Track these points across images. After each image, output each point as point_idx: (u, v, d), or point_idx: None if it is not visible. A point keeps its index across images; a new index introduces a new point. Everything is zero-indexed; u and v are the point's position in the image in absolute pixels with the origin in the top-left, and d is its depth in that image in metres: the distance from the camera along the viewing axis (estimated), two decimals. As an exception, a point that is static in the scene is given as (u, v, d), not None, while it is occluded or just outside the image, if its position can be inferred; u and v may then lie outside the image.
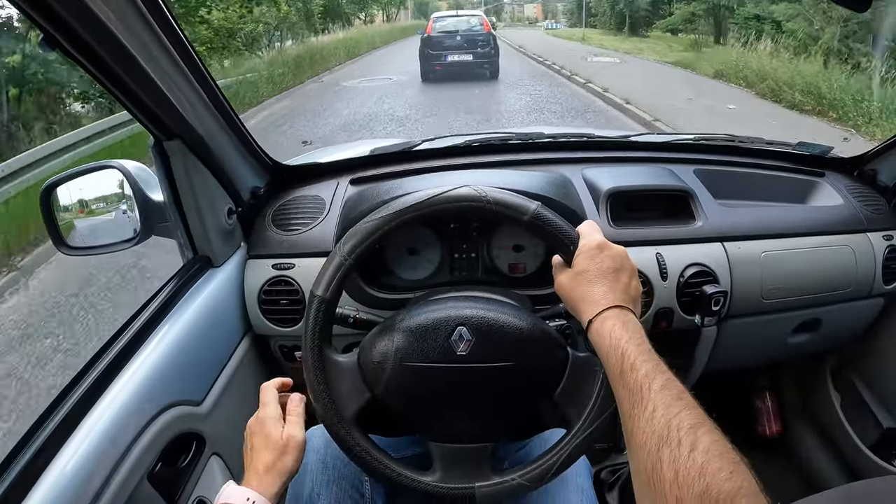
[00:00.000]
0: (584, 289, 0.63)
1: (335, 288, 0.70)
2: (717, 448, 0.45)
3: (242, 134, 0.98)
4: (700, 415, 0.48)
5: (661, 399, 0.50)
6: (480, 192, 0.67)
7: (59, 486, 0.60)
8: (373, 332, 0.74)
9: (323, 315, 0.70)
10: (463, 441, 0.73)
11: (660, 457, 0.46)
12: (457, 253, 1.02)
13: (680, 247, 1.05)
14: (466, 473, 0.72)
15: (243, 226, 1.05)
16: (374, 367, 0.71)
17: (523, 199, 0.68)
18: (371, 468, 0.72)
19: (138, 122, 0.83)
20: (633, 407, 0.51)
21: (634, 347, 0.55)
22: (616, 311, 0.60)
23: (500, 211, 0.67)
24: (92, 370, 0.73)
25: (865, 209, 1.20)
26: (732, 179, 1.21)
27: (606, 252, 0.64)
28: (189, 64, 0.79)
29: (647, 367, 0.53)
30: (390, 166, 1.15)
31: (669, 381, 0.52)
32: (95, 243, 1.00)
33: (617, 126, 6.78)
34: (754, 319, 1.12)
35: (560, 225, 0.67)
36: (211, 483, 0.86)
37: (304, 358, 0.71)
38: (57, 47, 0.65)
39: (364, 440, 0.72)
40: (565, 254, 0.67)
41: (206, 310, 0.92)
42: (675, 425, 0.47)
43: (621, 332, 0.58)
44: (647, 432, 0.48)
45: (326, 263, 0.70)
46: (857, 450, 1.31)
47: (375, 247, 0.71)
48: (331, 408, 0.71)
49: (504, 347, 0.69)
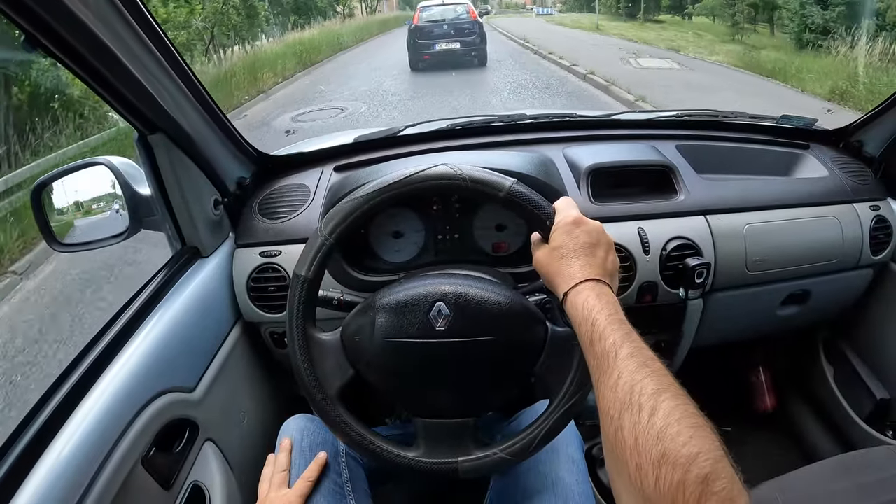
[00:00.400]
0: (561, 263, 0.63)
1: (317, 267, 0.71)
2: (677, 413, 0.44)
3: (225, 126, 0.99)
4: (666, 381, 0.48)
5: (627, 366, 0.50)
6: (457, 170, 0.68)
7: (54, 472, 0.62)
8: (355, 309, 0.75)
9: (305, 294, 0.71)
10: (445, 416, 0.74)
11: (621, 423, 0.46)
12: (440, 234, 1.03)
13: (662, 221, 1.06)
14: (449, 448, 0.73)
15: (230, 216, 1.06)
16: (356, 344, 0.72)
17: (499, 175, 0.68)
18: (356, 443, 0.74)
19: (121, 117, 0.85)
20: (601, 375, 0.51)
21: (605, 317, 0.55)
22: (591, 283, 0.60)
23: (477, 188, 0.68)
24: (84, 359, 0.75)
25: (851, 180, 1.20)
26: (715, 154, 1.22)
27: (582, 227, 0.65)
28: (168, 58, 0.81)
29: (615, 336, 0.53)
30: (374, 152, 1.16)
31: (638, 350, 0.52)
32: (87, 239, 1.01)
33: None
34: (740, 292, 1.13)
35: (536, 201, 0.68)
36: (205, 468, 0.88)
37: (289, 337, 0.72)
38: (38, 47, 0.67)
39: (348, 416, 0.73)
40: (542, 229, 0.68)
41: (197, 299, 0.93)
42: (637, 391, 0.47)
43: (594, 302, 0.58)
44: (611, 399, 0.48)
45: (308, 244, 0.72)
46: (851, 421, 1.31)
47: (360, 230, 0.73)
48: (315, 385, 0.72)
49: (482, 322, 0.70)
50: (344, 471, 0.85)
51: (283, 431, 0.89)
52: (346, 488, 0.83)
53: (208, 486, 0.87)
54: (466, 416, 0.74)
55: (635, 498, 0.44)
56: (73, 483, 0.63)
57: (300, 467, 0.82)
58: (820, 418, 1.42)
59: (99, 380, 0.73)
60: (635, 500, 0.44)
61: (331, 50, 13.67)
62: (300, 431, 0.87)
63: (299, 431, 0.87)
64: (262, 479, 0.83)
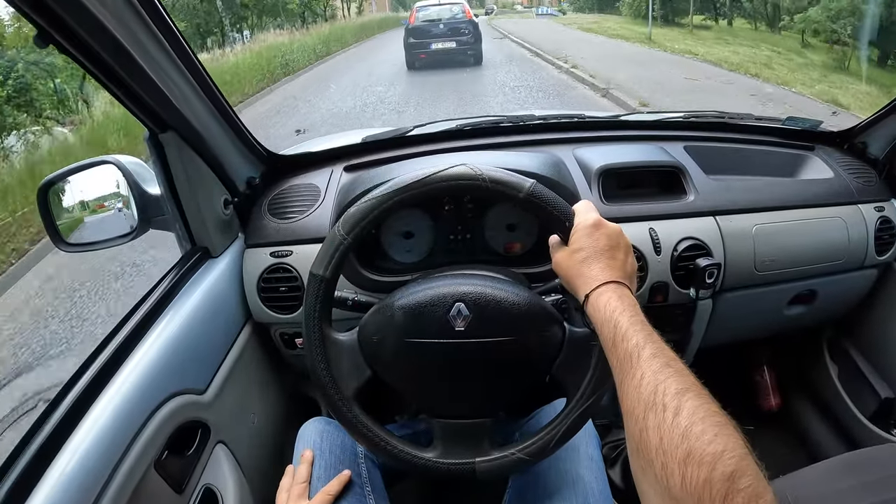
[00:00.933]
0: (581, 266, 0.64)
1: (334, 267, 0.70)
2: (701, 412, 0.45)
3: (237, 125, 0.98)
4: (689, 381, 0.48)
5: (650, 366, 0.50)
6: (477, 171, 0.68)
7: (66, 477, 0.61)
8: (372, 309, 0.75)
9: (323, 294, 0.71)
10: (463, 417, 0.74)
11: (646, 423, 0.46)
12: (452, 234, 1.03)
13: (672, 221, 1.06)
14: (466, 449, 0.73)
15: (240, 216, 1.06)
16: (374, 345, 0.72)
17: (519, 177, 0.68)
18: (373, 444, 0.73)
19: (133, 115, 0.84)
20: (624, 375, 0.52)
21: (627, 319, 0.56)
22: (612, 285, 0.61)
23: (497, 189, 0.68)
24: (95, 361, 0.74)
25: (856, 181, 1.21)
26: (723, 155, 1.23)
27: (602, 230, 0.65)
28: (182, 56, 0.80)
29: (638, 337, 0.54)
30: (383, 152, 1.16)
31: (660, 350, 0.52)
32: (93, 239, 1.00)
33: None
34: (749, 292, 1.14)
35: (556, 202, 0.68)
36: (217, 471, 0.87)
37: (305, 337, 0.72)
38: (51, 43, 0.66)
39: (365, 417, 0.73)
40: (562, 231, 0.68)
41: (207, 300, 0.93)
42: (661, 391, 0.47)
43: (616, 304, 0.58)
44: (635, 399, 0.49)
45: (325, 243, 0.71)
46: (856, 420, 1.32)
47: (372, 231, 0.72)
48: (332, 386, 0.72)
49: (502, 323, 0.70)
50: (363, 471, 0.85)
51: (301, 435, 0.89)
52: (366, 487, 0.83)
53: (221, 490, 0.86)
54: (483, 417, 0.74)
55: (661, 496, 0.44)
56: (85, 488, 0.62)
57: (321, 469, 0.82)
58: (824, 417, 1.43)
59: (111, 381, 0.73)
60: (661, 498, 0.44)
61: (267, 80, 10.72)
62: (319, 434, 0.87)
63: (318, 434, 0.87)
64: (281, 489, 0.82)
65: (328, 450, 0.85)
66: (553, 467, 0.82)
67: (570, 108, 7.44)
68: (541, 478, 0.82)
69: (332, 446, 0.85)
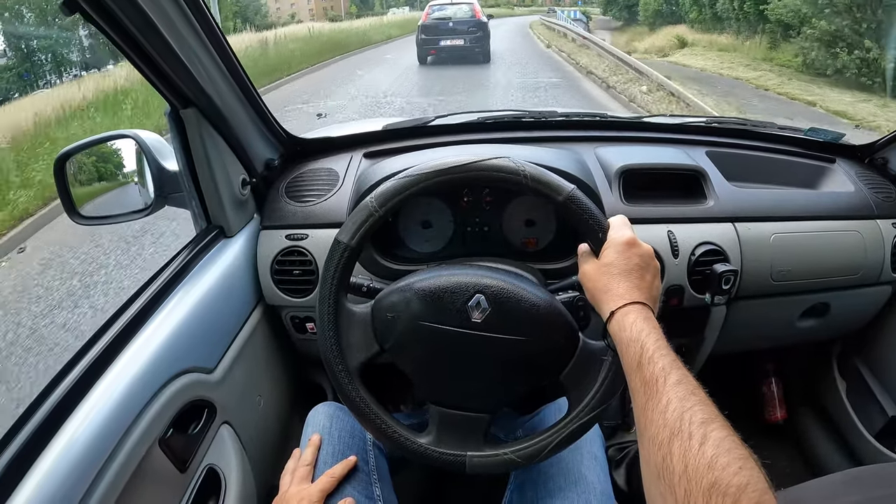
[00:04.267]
0: (609, 281, 0.64)
1: (361, 237, 0.69)
2: (727, 443, 0.45)
3: (259, 106, 0.98)
4: (713, 411, 0.49)
5: (676, 393, 0.50)
6: (519, 166, 0.67)
7: (71, 449, 0.61)
8: (390, 287, 0.74)
9: (345, 262, 0.70)
10: (462, 409, 0.73)
11: (671, 449, 0.47)
12: (469, 226, 1.03)
13: (691, 225, 1.05)
14: (460, 440, 0.73)
15: (257, 197, 1.05)
16: (388, 322, 0.71)
17: (560, 179, 0.68)
18: (369, 422, 0.73)
19: (155, 90, 0.83)
20: (648, 399, 0.52)
21: (653, 342, 0.56)
22: (639, 306, 0.61)
23: (536, 187, 0.67)
24: (105, 334, 0.74)
25: (875, 196, 1.20)
26: (744, 162, 1.22)
27: (635, 249, 0.65)
28: (209, 33, 0.80)
29: (664, 362, 0.54)
30: (403, 141, 1.15)
31: (685, 377, 0.53)
32: (109, 213, 1.00)
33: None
34: (763, 301, 1.13)
35: (593, 211, 0.67)
36: (221, 451, 0.86)
37: (319, 302, 0.71)
38: (77, 11, 0.66)
39: (365, 392, 0.72)
40: (594, 241, 0.68)
41: (219, 279, 0.92)
42: (687, 419, 0.48)
43: (643, 325, 0.59)
44: (660, 425, 0.49)
45: (355, 212, 0.70)
46: (862, 437, 1.31)
47: (388, 220, 0.70)
48: (338, 355, 0.71)
49: (519, 321, 0.70)
50: (371, 458, 0.85)
51: (311, 419, 0.88)
52: (373, 475, 0.83)
53: (223, 470, 0.86)
54: (483, 412, 0.74)
55: None
56: (89, 461, 0.62)
57: (328, 454, 0.82)
58: (830, 432, 1.42)
59: (120, 355, 0.72)
60: None
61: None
62: (329, 418, 0.87)
63: (328, 418, 0.87)
64: (285, 472, 0.82)
65: (337, 435, 0.84)
66: (556, 465, 0.82)
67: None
68: (543, 475, 0.82)
69: (342, 432, 0.85)
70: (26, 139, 6.05)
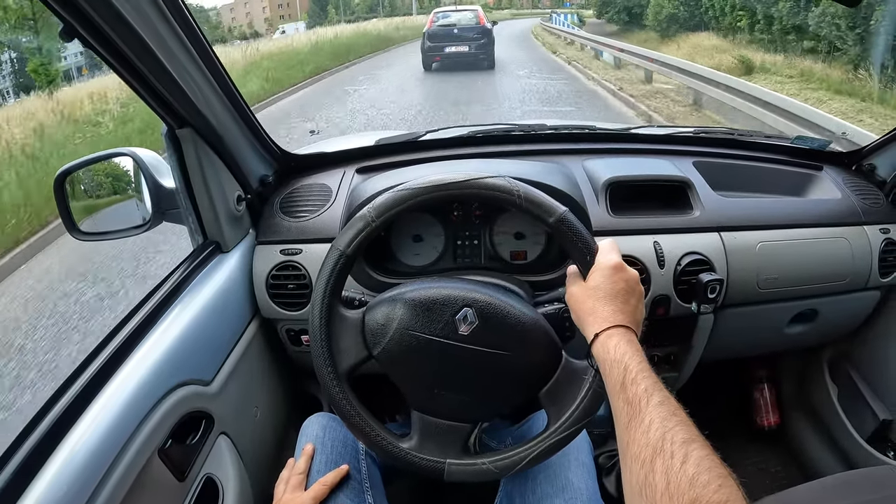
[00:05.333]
0: (595, 304, 0.66)
1: (356, 246, 0.71)
2: (707, 462, 0.47)
3: (252, 123, 1.00)
4: (693, 431, 0.51)
5: (658, 413, 0.52)
6: (514, 186, 0.69)
7: (72, 460, 0.62)
8: (382, 295, 0.76)
9: (340, 268, 0.72)
10: (444, 417, 0.75)
11: (653, 467, 0.48)
12: (459, 240, 1.04)
13: (677, 236, 1.07)
14: (440, 448, 0.74)
15: (252, 213, 1.07)
16: (378, 329, 0.73)
17: (553, 201, 0.70)
18: (354, 426, 0.74)
19: (152, 110, 0.86)
20: (631, 419, 0.54)
21: (636, 364, 0.58)
22: (622, 329, 0.64)
23: (528, 208, 0.69)
24: (106, 347, 0.76)
25: (863, 203, 1.21)
26: (731, 172, 1.23)
27: (621, 274, 0.67)
28: (202, 55, 0.82)
29: (647, 383, 0.56)
30: (395, 156, 1.17)
31: (667, 398, 0.55)
32: (107, 229, 1.02)
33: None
34: (751, 309, 1.14)
35: (583, 235, 0.69)
36: (219, 461, 0.88)
37: (313, 306, 0.73)
38: (75, 37, 0.68)
39: (353, 397, 0.74)
40: (582, 264, 0.70)
41: (216, 293, 0.94)
42: (669, 438, 0.50)
43: (626, 348, 0.61)
44: (642, 444, 0.51)
45: (353, 222, 0.72)
46: (854, 441, 1.32)
47: (378, 235, 0.72)
48: (328, 359, 0.73)
49: (504, 336, 0.72)
50: (363, 468, 0.86)
51: (305, 429, 0.90)
52: (365, 484, 0.85)
53: (221, 479, 0.88)
54: (464, 422, 0.75)
55: None
56: (90, 471, 0.63)
57: (321, 463, 0.83)
58: (822, 436, 1.43)
59: (120, 368, 0.74)
60: None
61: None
62: (322, 428, 0.89)
63: (321, 428, 0.89)
64: (279, 480, 0.84)
65: (330, 444, 0.86)
66: (543, 471, 0.84)
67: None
68: (531, 481, 0.83)
69: (335, 441, 0.87)
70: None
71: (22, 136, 6.46)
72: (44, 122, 7.10)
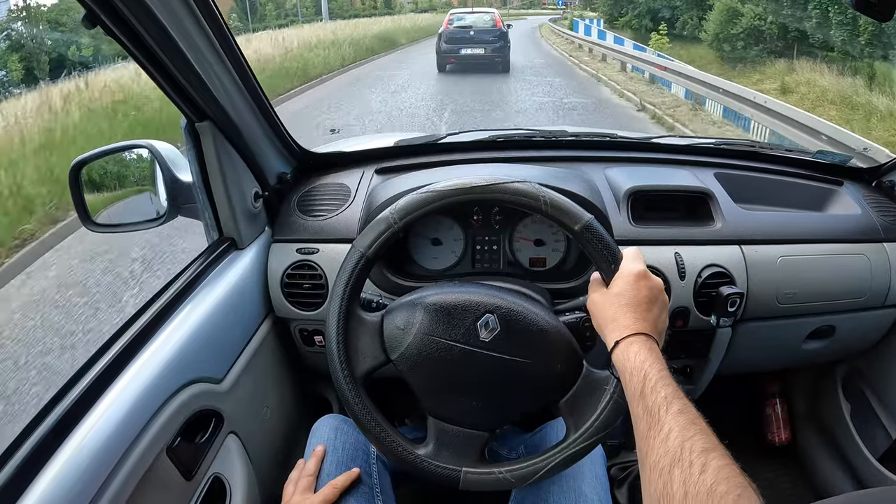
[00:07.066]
0: (617, 311, 0.66)
1: (378, 247, 0.70)
2: (726, 472, 0.46)
3: (273, 120, 0.99)
4: (713, 440, 0.50)
5: (678, 422, 0.52)
6: (539, 192, 0.69)
7: (79, 455, 0.61)
8: (401, 299, 0.75)
9: (360, 269, 0.71)
10: (462, 424, 0.74)
11: (671, 476, 0.48)
12: (479, 244, 1.03)
13: (698, 247, 1.06)
14: (456, 456, 0.73)
15: (269, 210, 1.06)
16: (397, 333, 0.72)
17: (579, 208, 0.69)
18: (368, 428, 0.73)
19: (172, 103, 0.85)
20: (650, 427, 0.54)
21: (656, 372, 0.58)
22: (643, 337, 0.63)
23: (554, 215, 0.69)
24: (117, 343, 0.75)
25: (882, 219, 1.20)
26: (752, 184, 1.22)
27: (645, 282, 0.67)
28: (226, 48, 0.81)
29: (666, 391, 0.56)
30: (415, 158, 1.16)
31: (686, 407, 0.54)
32: (122, 221, 1.02)
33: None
34: (769, 323, 1.13)
35: (608, 243, 0.69)
36: (227, 460, 0.87)
37: (330, 308, 0.72)
38: (98, 24, 0.67)
39: (368, 400, 0.73)
40: (606, 272, 0.69)
41: (230, 290, 0.93)
42: (688, 447, 0.49)
43: (646, 356, 0.60)
44: (661, 452, 0.50)
45: (375, 223, 0.71)
46: (866, 460, 1.30)
47: (399, 237, 0.71)
48: (344, 361, 0.72)
49: (526, 344, 0.71)
50: (374, 472, 0.85)
51: (315, 430, 0.89)
52: (375, 489, 0.84)
53: (229, 479, 0.86)
54: (482, 429, 0.74)
55: None
56: (96, 468, 0.62)
57: (331, 465, 0.82)
58: (833, 454, 1.42)
59: (131, 364, 0.73)
60: None
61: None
62: (334, 430, 0.88)
63: (333, 430, 0.88)
64: (289, 481, 0.83)
65: (341, 447, 0.85)
66: (556, 482, 0.82)
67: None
68: (543, 492, 0.82)
69: (346, 444, 0.86)
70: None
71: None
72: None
